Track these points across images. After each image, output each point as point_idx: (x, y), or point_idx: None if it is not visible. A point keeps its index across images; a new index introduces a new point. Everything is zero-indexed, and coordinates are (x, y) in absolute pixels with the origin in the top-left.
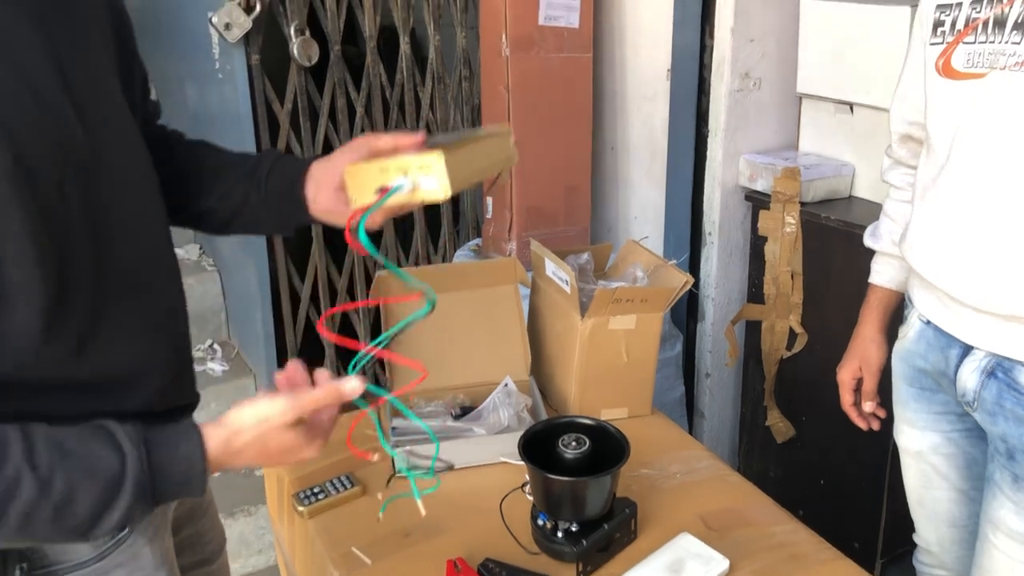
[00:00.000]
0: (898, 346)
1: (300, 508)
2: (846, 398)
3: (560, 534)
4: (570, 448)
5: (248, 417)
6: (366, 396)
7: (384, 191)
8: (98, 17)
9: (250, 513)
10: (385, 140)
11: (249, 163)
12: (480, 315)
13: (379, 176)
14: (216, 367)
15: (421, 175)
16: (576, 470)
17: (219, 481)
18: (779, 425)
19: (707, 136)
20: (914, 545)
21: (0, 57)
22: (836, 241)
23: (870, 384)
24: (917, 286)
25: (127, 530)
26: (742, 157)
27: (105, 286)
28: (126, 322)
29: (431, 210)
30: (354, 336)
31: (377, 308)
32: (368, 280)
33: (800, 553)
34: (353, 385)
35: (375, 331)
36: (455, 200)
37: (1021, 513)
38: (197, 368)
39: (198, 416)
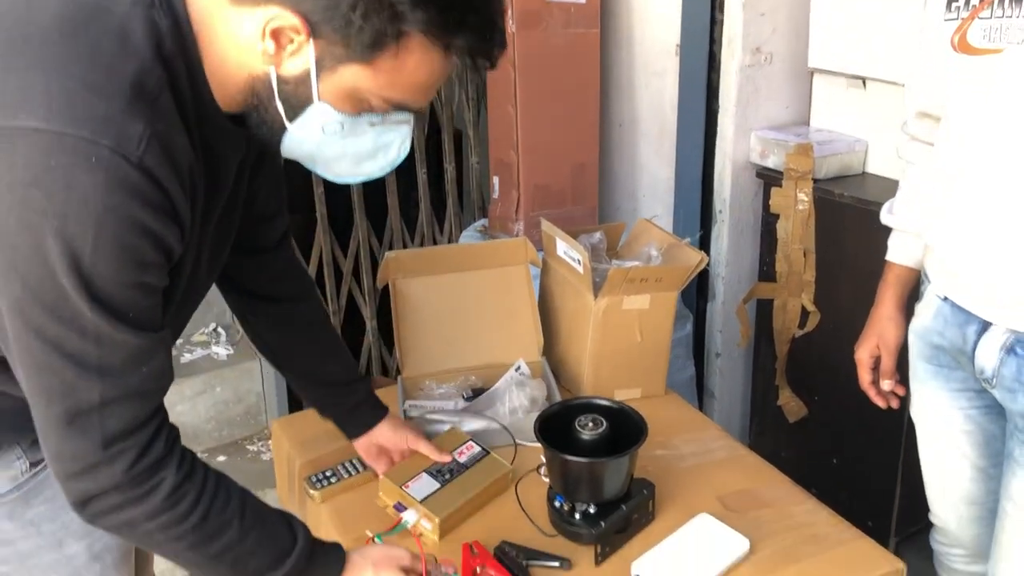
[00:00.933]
0: (915, 323)
1: (312, 492)
2: (864, 377)
3: (578, 516)
4: (587, 429)
5: (379, 551)
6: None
7: (400, 505)
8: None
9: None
10: (424, 448)
11: (351, 376)
12: (491, 296)
13: (400, 497)
14: (221, 351)
15: (424, 520)
16: (593, 451)
17: (227, 465)
18: (791, 404)
19: (717, 112)
20: (928, 524)
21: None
22: (849, 218)
23: (888, 363)
24: (934, 262)
25: None
26: (753, 133)
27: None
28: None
29: (435, 189)
30: (359, 317)
31: (385, 288)
32: (374, 263)
33: (820, 533)
34: None
35: (381, 310)
36: (459, 180)
37: None
38: (202, 352)
39: (203, 399)
